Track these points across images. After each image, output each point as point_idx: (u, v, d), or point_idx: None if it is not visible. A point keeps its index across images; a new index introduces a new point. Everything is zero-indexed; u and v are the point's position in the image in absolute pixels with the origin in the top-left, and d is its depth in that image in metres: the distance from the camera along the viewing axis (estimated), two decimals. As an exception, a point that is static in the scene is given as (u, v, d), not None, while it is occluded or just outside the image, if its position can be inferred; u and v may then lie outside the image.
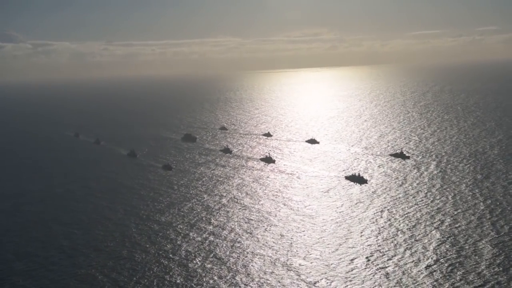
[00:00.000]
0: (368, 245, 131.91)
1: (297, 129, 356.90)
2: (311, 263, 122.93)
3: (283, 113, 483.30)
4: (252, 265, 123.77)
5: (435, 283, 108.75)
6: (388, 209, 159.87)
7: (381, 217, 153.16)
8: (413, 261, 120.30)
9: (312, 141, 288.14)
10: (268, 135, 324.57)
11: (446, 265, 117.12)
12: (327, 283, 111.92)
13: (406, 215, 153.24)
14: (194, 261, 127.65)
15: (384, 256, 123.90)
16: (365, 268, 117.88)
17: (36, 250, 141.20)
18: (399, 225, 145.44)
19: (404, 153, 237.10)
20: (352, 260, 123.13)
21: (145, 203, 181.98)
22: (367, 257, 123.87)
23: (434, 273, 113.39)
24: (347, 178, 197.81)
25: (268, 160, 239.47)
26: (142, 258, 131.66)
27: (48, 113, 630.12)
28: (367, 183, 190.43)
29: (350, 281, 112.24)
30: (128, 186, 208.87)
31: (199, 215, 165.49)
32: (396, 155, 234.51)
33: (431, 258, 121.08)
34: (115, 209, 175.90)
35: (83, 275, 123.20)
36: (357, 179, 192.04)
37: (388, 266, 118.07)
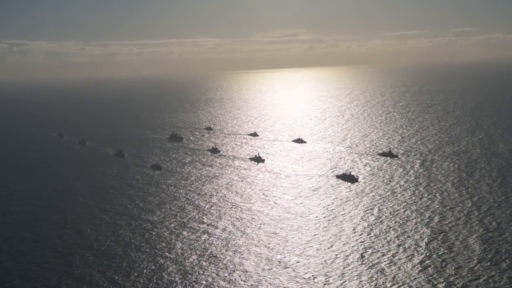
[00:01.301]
0: (361, 241, 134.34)
1: (283, 129, 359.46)
2: (308, 260, 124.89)
3: (266, 113, 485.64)
4: (248, 263, 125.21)
5: (430, 277, 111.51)
6: (379, 207, 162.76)
7: (373, 214, 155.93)
8: (407, 256, 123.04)
9: (299, 141, 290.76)
10: (254, 135, 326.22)
11: (439, 260, 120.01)
12: (326, 278, 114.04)
13: (397, 213, 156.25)
14: (190, 259, 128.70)
15: (378, 252, 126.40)
16: (361, 264, 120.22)
17: (30, 250, 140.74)
18: (391, 222, 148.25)
19: (392, 152, 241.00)
20: (347, 256, 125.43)
21: (136, 203, 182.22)
22: (361, 254, 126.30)
23: (429, 268, 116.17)
24: (337, 177, 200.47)
25: (258, 159, 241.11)
26: (138, 256, 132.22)
27: (28, 113, 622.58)
28: (357, 181, 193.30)
29: (347, 276, 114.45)
30: (117, 186, 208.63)
31: (191, 214, 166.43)
32: (384, 154, 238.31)
33: (424, 254, 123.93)
34: (106, 209, 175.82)
35: (80, 274, 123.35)
36: (348, 178, 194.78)
37: (383, 262, 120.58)
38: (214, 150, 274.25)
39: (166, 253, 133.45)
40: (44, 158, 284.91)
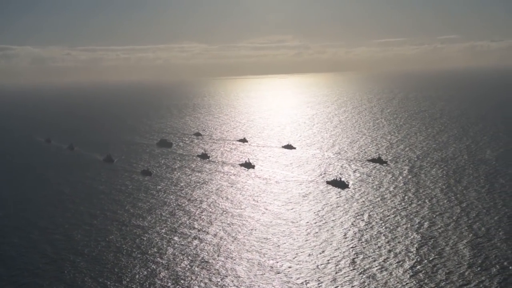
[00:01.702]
0: (352, 247, 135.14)
1: (272, 135, 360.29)
2: (300, 265, 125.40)
3: (254, 119, 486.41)
4: (240, 268, 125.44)
5: (421, 283, 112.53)
6: (370, 213, 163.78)
7: (364, 220, 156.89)
8: (398, 262, 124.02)
9: (289, 147, 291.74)
10: (243, 140, 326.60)
11: (430, 265, 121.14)
12: (318, 284, 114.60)
13: (388, 218, 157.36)
14: (182, 265, 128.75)
15: (369, 258, 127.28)
16: (353, 269, 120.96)
17: (20, 255, 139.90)
18: (381, 228, 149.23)
19: (382, 158, 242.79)
20: (339, 261, 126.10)
21: (126, 209, 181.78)
22: (353, 259, 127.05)
23: (420, 273, 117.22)
24: (328, 182, 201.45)
25: (248, 165, 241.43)
26: (130, 262, 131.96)
27: (14, 118, 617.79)
28: (348, 187, 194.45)
29: (339, 281, 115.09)
30: (107, 192, 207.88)
31: (182, 220, 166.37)
32: (374, 160, 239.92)
33: (415, 260, 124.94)
34: (96, 215, 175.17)
35: (71, 279, 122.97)
36: (339, 184, 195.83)
37: (374, 267, 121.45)
38: (204, 156, 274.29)
39: (158, 259, 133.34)
40: (32, 163, 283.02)
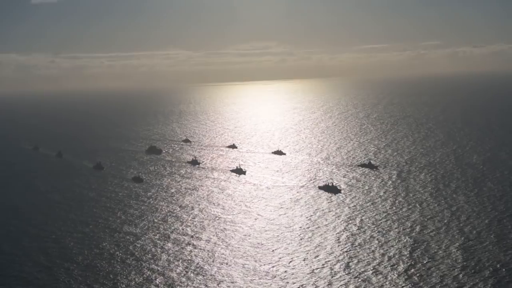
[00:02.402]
0: (346, 251, 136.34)
1: (261, 140, 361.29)
2: (295, 270, 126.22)
3: (242, 125, 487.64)
4: (236, 274, 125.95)
5: (416, 286, 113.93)
6: (363, 217, 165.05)
7: (357, 224, 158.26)
8: (392, 265, 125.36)
9: (279, 153, 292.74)
10: (233, 147, 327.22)
11: (424, 268, 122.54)
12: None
13: (381, 222, 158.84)
14: (177, 270, 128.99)
15: (363, 262, 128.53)
16: (348, 274, 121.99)
17: (12, 263, 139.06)
18: (375, 232, 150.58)
19: (372, 163, 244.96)
20: (333, 265, 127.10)
21: (119, 216, 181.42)
22: (347, 263, 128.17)
23: (414, 276, 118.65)
24: (320, 188, 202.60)
25: (239, 171, 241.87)
26: (124, 269, 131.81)
27: (0, 125, 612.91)
28: (340, 192, 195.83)
29: (335, 285, 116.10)
30: (99, 199, 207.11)
31: (175, 226, 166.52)
32: (364, 165, 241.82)
33: (409, 263, 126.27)
34: (88, 222, 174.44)
35: (67, 287, 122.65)
36: (331, 189, 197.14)
37: (369, 271, 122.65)
38: (194, 162, 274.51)
39: (153, 265, 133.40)
40: (21, 171, 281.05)
